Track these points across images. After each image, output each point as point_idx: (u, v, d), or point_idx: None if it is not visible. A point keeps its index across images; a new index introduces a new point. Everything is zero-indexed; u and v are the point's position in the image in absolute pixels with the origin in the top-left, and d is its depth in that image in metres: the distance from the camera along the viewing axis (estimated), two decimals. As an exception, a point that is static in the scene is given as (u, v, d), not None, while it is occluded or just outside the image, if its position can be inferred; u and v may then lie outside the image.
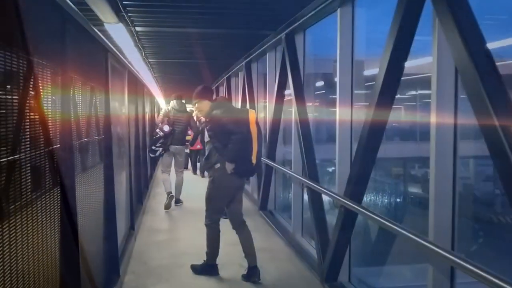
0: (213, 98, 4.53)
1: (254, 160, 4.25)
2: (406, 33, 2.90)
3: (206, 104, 4.39)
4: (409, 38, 2.92)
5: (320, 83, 7.37)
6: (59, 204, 2.23)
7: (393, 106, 3.15)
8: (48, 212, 2.05)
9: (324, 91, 7.68)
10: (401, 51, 2.99)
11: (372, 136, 3.27)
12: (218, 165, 4.24)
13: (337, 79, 4.23)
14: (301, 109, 5.18)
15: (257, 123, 4.32)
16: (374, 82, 3.23)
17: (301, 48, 5.61)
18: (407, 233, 2.65)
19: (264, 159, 6.78)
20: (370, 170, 3.45)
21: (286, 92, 6.21)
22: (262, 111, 9.15)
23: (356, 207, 3.42)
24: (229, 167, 4.15)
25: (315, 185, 4.41)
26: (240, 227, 4.43)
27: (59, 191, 2.23)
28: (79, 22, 2.76)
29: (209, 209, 4.38)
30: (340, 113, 4.19)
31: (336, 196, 3.78)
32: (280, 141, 6.74)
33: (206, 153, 4.61)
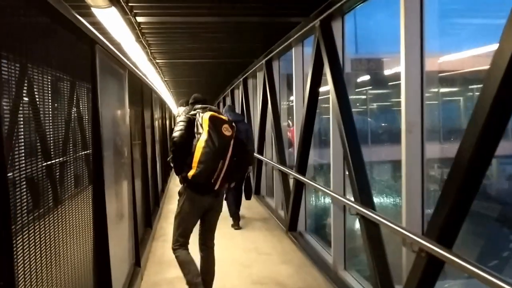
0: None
1: (189, 175, 3.41)
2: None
3: None
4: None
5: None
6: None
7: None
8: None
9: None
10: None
11: (485, 145, 2.18)
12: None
13: (401, 72, 3.19)
14: (344, 110, 4.12)
15: (210, 125, 3.41)
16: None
17: (339, 37, 4.56)
18: None
19: (293, 173, 5.73)
20: (473, 199, 2.36)
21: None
22: (286, 116, 8.12)
23: (450, 256, 2.34)
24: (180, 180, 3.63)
25: (374, 215, 3.33)
26: (205, 250, 3.79)
27: None
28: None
29: (174, 228, 3.70)
30: (407, 112, 3.14)
31: (412, 236, 2.69)
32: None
33: None
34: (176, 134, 3.50)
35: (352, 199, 3.92)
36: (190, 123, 3.51)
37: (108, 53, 3.37)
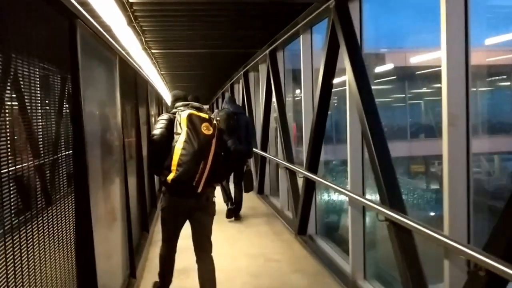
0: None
1: (169, 179, 3.17)
2: None
3: None
4: None
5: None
6: None
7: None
8: None
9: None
10: None
11: None
12: None
13: (442, 58, 2.70)
14: (367, 101, 3.61)
15: (189, 125, 3.19)
16: None
17: (357, 21, 4.06)
18: None
19: (303, 171, 5.24)
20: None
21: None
22: (293, 110, 7.63)
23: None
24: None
25: (408, 221, 2.82)
26: (201, 258, 3.48)
27: None
28: None
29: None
30: (450, 103, 2.66)
31: (472, 253, 2.18)
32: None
33: None
34: (156, 132, 3.30)
35: (373, 199, 3.45)
36: (172, 122, 3.31)
37: (93, 32, 2.86)
